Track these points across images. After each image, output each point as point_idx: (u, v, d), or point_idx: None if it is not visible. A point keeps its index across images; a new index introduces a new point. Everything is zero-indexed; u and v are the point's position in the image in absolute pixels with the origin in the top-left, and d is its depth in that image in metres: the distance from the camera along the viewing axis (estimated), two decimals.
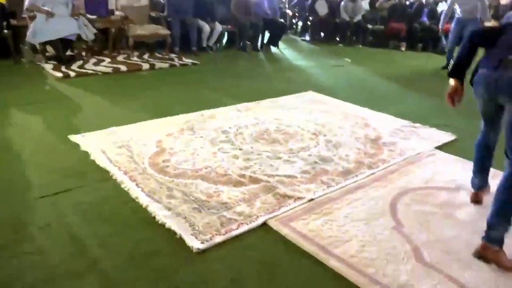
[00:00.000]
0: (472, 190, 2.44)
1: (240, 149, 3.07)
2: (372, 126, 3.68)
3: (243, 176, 2.65)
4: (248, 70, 5.85)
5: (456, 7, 6.19)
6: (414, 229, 2.15)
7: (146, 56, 6.28)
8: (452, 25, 6.29)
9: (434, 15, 8.50)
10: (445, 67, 6.43)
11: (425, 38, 8.44)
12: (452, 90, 2.22)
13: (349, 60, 6.94)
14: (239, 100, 4.24)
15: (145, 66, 5.69)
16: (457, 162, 3.00)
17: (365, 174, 2.76)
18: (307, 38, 8.95)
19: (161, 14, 6.77)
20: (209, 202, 2.33)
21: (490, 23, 6.26)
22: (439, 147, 3.29)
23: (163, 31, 6.39)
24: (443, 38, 8.22)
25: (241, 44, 7.33)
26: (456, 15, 6.23)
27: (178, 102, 4.20)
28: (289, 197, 2.42)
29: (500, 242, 1.85)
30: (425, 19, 8.45)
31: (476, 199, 2.37)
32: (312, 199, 2.40)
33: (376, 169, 2.84)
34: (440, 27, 6.46)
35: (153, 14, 6.78)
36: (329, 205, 2.35)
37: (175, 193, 2.41)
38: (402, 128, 3.67)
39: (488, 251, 1.86)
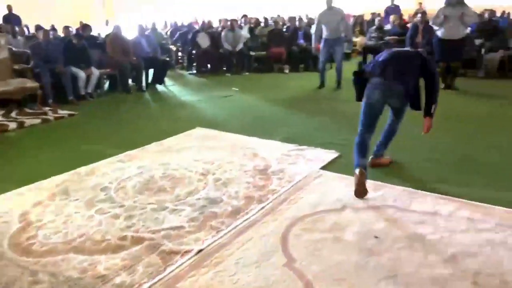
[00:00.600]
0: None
1: (122, 206, 2.83)
2: (261, 156, 3.71)
3: (124, 238, 2.42)
4: (133, 114, 5.60)
5: (323, 27, 6.75)
6: (305, 262, 2.13)
7: (14, 114, 5.67)
8: (321, 45, 6.82)
9: (308, 37, 9.15)
10: (320, 87, 6.90)
11: (305, 59, 9.02)
12: None
13: (237, 89, 7.07)
14: (122, 149, 3.98)
15: (12, 125, 5.11)
16: (341, 180, 3.13)
17: (256, 209, 2.72)
18: (194, 71, 8.97)
19: (26, 66, 6.23)
20: (82, 279, 2.06)
21: (357, 39, 6.97)
22: (325, 167, 3.42)
23: (30, 84, 5.86)
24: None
25: (124, 86, 7.05)
26: (324, 35, 6.78)
27: (50, 162, 3.79)
28: (176, 252, 2.25)
29: (381, 155, 3.33)
30: (301, 41, 9.05)
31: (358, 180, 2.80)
32: (201, 250, 2.27)
33: (266, 202, 2.82)
34: (313, 45, 6.95)
35: (16, 67, 6.20)
36: (219, 253, 2.24)
37: (41, 277, 2.09)
38: (289, 153, 3.76)
39: (376, 161, 3.33)
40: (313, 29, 9.94)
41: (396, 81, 2.88)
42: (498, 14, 12.63)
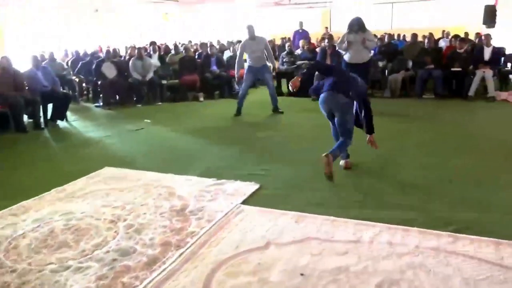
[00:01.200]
0: None
1: (13, 271, 2.48)
2: (178, 194, 3.56)
3: None
4: (29, 156, 5.09)
5: (247, 57, 6.89)
6: None
7: None
8: (245, 72, 6.95)
9: (221, 63, 9.27)
10: (237, 114, 6.97)
11: (219, 85, 9.08)
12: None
13: (149, 121, 6.84)
14: (16, 200, 3.55)
15: None
16: (263, 214, 3.10)
17: (174, 257, 2.55)
18: (101, 103, 8.53)
19: None
20: None
21: (270, 64, 7.18)
22: (246, 201, 3.37)
23: None
24: (235, 84, 9.01)
25: (18, 125, 6.42)
26: (248, 63, 6.93)
27: None
28: None
29: (335, 156, 3.74)
30: (214, 67, 9.12)
31: (347, 166, 4.02)
32: None
33: (185, 247, 2.67)
34: (235, 74, 7.01)
35: None
36: None
37: None
38: (208, 188, 3.65)
39: (328, 157, 3.61)
40: (226, 54, 10.20)
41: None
42: (404, 36, 14.04)
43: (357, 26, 6.59)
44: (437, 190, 3.45)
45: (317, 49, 9.38)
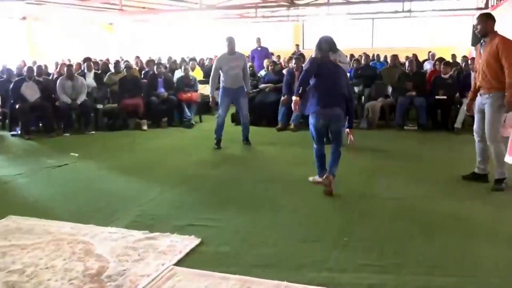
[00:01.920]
0: None
1: None
2: (96, 252, 3.34)
3: None
4: None
5: (221, 75, 6.84)
6: None
7: None
8: (220, 95, 6.91)
9: (171, 85, 9.17)
10: (217, 146, 6.91)
11: (168, 111, 8.95)
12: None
13: (77, 155, 6.60)
14: None
15: None
16: (200, 279, 2.93)
17: None
18: (18, 131, 8.19)
19: None
20: None
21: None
22: (182, 261, 3.19)
23: None
24: (186, 110, 8.91)
25: None
26: (222, 83, 6.88)
27: None
28: None
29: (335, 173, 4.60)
30: (162, 90, 9.00)
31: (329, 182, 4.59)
32: None
33: None
34: (210, 94, 7.00)
35: None
36: None
37: None
38: (136, 244, 3.46)
39: (329, 178, 4.55)
40: (177, 74, 10.13)
41: None
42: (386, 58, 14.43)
43: (326, 45, 6.63)
44: (412, 246, 3.39)
45: (284, 71, 9.46)
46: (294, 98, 4.58)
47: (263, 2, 14.06)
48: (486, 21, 4.56)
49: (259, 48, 11.89)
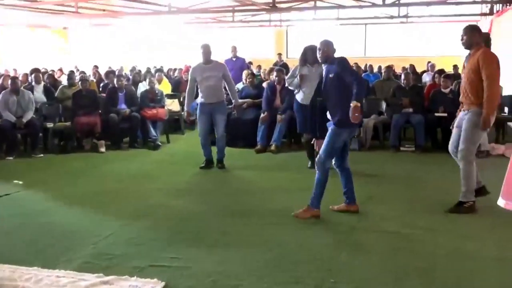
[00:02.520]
0: None
1: None
2: None
3: None
4: None
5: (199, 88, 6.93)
6: None
7: None
8: (198, 112, 7.04)
9: (134, 100, 9.13)
10: (206, 165, 7.06)
11: (130, 130, 8.91)
12: None
13: (21, 182, 6.52)
14: None
15: None
16: None
17: None
18: None
19: None
20: None
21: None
22: None
23: None
24: (151, 129, 8.88)
25: None
26: (199, 99, 6.99)
27: None
28: None
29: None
30: (123, 105, 8.96)
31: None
32: None
33: None
34: (185, 108, 7.22)
35: None
36: None
37: None
38: None
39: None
40: (141, 87, 10.12)
41: None
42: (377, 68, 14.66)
43: (312, 56, 6.65)
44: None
45: (264, 84, 9.55)
46: (356, 103, 4.51)
47: (241, 5, 14.19)
48: (472, 32, 4.81)
49: (234, 59, 11.73)
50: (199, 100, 7.02)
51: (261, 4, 13.61)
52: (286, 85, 7.31)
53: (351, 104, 4.47)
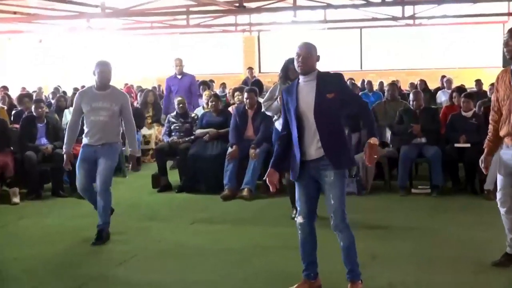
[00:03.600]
0: None
1: None
2: None
3: None
4: None
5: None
6: None
7: None
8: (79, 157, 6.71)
9: (57, 133, 9.06)
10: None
11: (53, 174, 8.80)
12: None
13: None
14: None
15: None
16: None
17: None
18: None
19: None
20: None
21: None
22: None
23: None
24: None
25: None
26: (84, 140, 6.68)
27: None
28: None
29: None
30: (43, 141, 8.88)
31: None
32: None
33: None
34: (64, 150, 6.82)
35: None
36: None
37: None
38: None
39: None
40: (68, 116, 10.03)
41: None
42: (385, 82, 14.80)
43: (296, 71, 6.73)
44: None
45: (231, 109, 9.59)
46: (375, 141, 4.43)
47: (198, 5, 14.10)
48: None
49: (180, 76, 11.50)
50: (83, 139, 6.66)
51: (223, 3, 13.39)
52: (263, 109, 7.32)
53: (370, 141, 4.36)
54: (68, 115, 10.23)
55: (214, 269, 5.49)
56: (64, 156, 6.72)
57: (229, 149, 8.50)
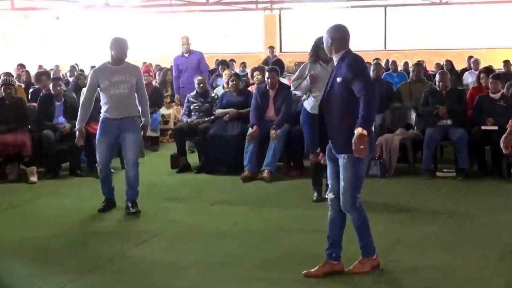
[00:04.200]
0: None
1: None
2: None
3: None
4: None
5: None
6: None
7: None
8: (98, 131, 6.93)
9: (75, 112, 9.04)
10: (103, 209, 6.89)
11: (70, 153, 8.82)
12: None
13: None
14: None
15: None
16: None
17: None
18: None
19: None
20: None
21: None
22: None
23: None
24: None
25: None
26: (103, 115, 6.83)
27: None
28: None
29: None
30: (61, 119, 8.92)
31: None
32: None
33: None
34: (77, 126, 7.04)
35: None
36: None
37: None
38: None
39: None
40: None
41: None
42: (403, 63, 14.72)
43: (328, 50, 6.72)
44: None
45: (252, 88, 9.57)
46: (361, 131, 4.42)
47: None
48: None
49: (187, 54, 11.42)
50: (102, 114, 6.88)
51: None
52: (292, 89, 7.29)
53: (355, 132, 4.37)
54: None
55: (233, 251, 5.51)
56: (77, 132, 7.00)
57: (250, 130, 8.47)
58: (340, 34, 4.73)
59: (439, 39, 19.94)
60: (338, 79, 4.61)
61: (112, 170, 8.64)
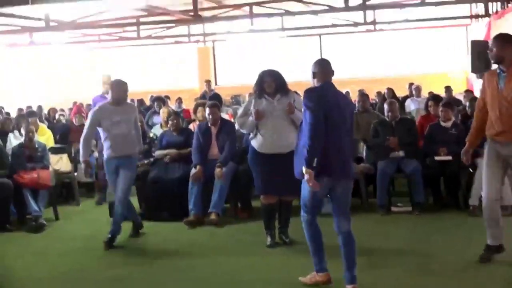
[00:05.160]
0: None
1: None
2: None
3: None
4: None
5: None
6: None
7: None
8: (106, 171, 7.40)
9: (2, 163, 8.63)
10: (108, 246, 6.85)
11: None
12: None
13: None
14: None
15: None
16: None
17: None
18: None
19: None
20: None
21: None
22: None
23: None
24: (31, 201, 8.34)
25: None
26: (106, 154, 7.14)
27: None
28: None
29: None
30: None
31: None
32: None
33: None
34: (81, 159, 7.25)
35: None
36: None
37: None
38: None
39: None
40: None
41: None
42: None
43: (273, 83, 6.65)
44: None
45: (192, 126, 9.31)
46: (306, 171, 5.03)
47: (149, 15, 14.05)
48: (504, 44, 5.35)
49: (106, 95, 11.10)
50: (105, 154, 7.26)
51: (176, 12, 13.39)
52: (237, 127, 7.18)
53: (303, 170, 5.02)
54: (12, 139, 9.89)
55: None
56: (82, 164, 7.56)
57: (193, 170, 8.19)
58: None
59: (376, 67, 20.25)
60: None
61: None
